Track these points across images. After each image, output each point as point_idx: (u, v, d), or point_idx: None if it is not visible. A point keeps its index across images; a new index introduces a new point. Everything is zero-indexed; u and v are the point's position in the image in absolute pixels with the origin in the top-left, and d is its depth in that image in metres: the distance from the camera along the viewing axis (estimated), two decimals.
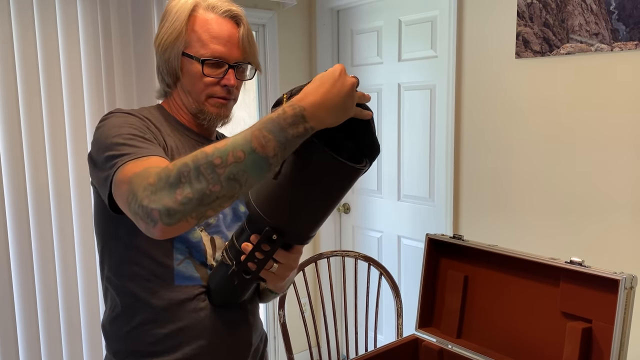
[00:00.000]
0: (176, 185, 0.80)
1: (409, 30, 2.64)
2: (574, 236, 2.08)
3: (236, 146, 0.80)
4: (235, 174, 0.80)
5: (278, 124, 0.80)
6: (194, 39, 1.06)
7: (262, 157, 0.80)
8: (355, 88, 0.85)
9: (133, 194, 0.83)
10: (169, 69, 1.08)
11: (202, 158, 0.80)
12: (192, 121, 1.13)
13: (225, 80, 1.08)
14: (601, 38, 1.92)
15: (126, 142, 0.94)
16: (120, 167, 0.89)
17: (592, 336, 1.23)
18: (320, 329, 3.16)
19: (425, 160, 2.63)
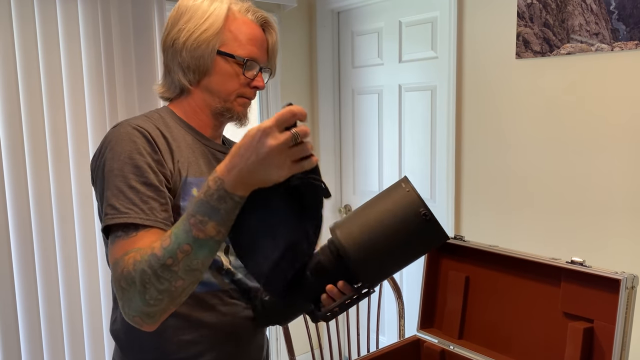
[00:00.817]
0: (143, 291, 0.84)
1: (410, 31, 2.64)
2: (575, 236, 2.07)
3: (180, 241, 0.84)
4: (190, 265, 0.85)
5: (208, 204, 0.84)
6: (230, 38, 1.06)
7: (207, 240, 0.85)
8: (281, 147, 0.78)
9: (117, 296, 0.89)
10: (199, 65, 1.06)
11: (156, 263, 0.84)
12: (206, 123, 1.12)
13: (257, 82, 1.10)
14: (601, 38, 1.92)
15: (125, 193, 0.92)
16: (112, 239, 0.91)
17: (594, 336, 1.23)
18: (322, 330, 3.16)
19: (426, 161, 2.63)
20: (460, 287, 1.52)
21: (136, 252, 0.88)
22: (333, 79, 3.08)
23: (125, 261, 0.87)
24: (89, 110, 2.24)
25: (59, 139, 2.17)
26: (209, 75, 1.07)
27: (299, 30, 3.04)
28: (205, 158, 1.09)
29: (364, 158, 2.98)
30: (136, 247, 0.88)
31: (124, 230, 0.91)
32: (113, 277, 0.89)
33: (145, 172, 0.94)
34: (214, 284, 1.06)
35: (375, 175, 2.92)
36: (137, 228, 0.90)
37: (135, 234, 0.90)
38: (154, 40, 2.35)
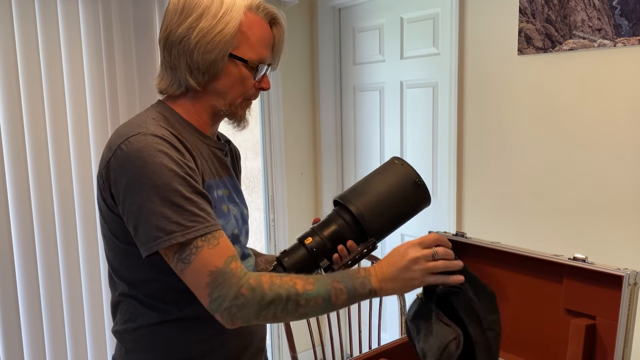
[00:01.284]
0: (266, 307, 0.93)
1: (411, 27, 2.63)
2: (577, 233, 2.07)
3: (320, 294, 0.96)
4: (308, 312, 0.96)
5: (352, 282, 0.98)
6: (242, 40, 1.01)
7: (332, 305, 0.97)
8: (419, 258, 0.99)
9: (221, 297, 0.92)
10: (210, 68, 1.01)
11: (294, 296, 0.94)
12: (206, 122, 1.08)
13: (264, 84, 1.08)
14: (604, 34, 1.91)
15: (183, 204, 0.91)
16: (190, 251, 0.92)
17: (596, 333, 1.22)
18: (323, 327, 3.16)
19: (428, 157, 2.63)
20: None
21: (238, 260, 0.95)
22: (334, 76, 3.07)
23: (241, 271, 0.93)
24: (90, 110, 2.24)
25: (61, 138, 2.17)
26: (218, 78, 1.02)
27: (300, 27, 3.03)
28: (210, 159, 1.08)
29: (366, 155, 2.98)
30: (231, 255, 0.94)
31: (203, 241, 0.93)
32: (220, 281, 0.92)
33: (190, 181, 0.94)
34: None
35: None
36: (215, 237, 0.94)
37: (217, 243, 0.94)
38: (155, 40, 2.35)
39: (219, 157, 1.11)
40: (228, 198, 1.10)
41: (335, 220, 1.13)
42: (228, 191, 1.11)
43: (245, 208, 1.18)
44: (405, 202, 1.14)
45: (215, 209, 1.01)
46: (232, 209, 1.10)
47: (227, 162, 1.14)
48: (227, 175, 1.13)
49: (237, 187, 1.16)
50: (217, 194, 1.05)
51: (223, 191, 1.08)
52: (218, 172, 1.09)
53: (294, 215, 3.11)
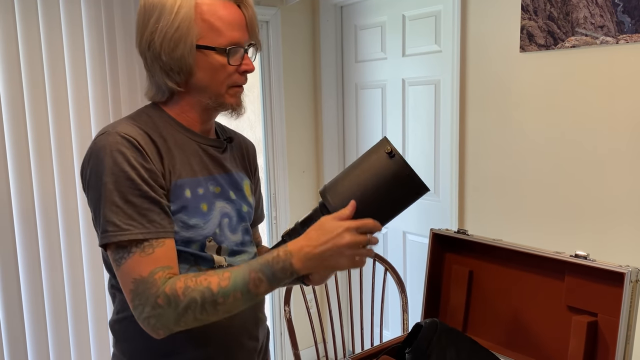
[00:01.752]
0: (182, 314, 0.92)
1: (413, 25, 2.63)
2: (578, 231, 2.07)
3: (237, 288, 0.93)
4: (231, 309, 0.94)
5: (271, 269, 0.94)
6: (205, 28, 0.99)
7: (254, 295, 0.94)
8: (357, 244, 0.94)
9: (141, 306, 0.92)
10: (182, 65, 1.00)
11: (209, 297, 0.92)
12: (194, 121, 1.08)
13: (245, 66, 1.04)
14: (606, 31, 1.91)
15: (123, 208, 0.93)
16: (123, 254, 0.93)
17: (598, 330, 1.22)
18: (325, 324, 3.17)
19: (430, 155, 2.63)
20: (464, 281, 1.52)
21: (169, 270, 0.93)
22: (336, 74, 3.07)
23: (161, 281, 0.92)
24: (93, 111, 2.23)
25: (64, 139, 2.18)
26: (194, 73, 1.01)
27: (302, 25, 3.03)
28: (197, 156, 1.06)
29: None
30: (162, 266, 0.93)
31: (137, 247, 0.93)
32: (140, 291, 0.92)
33: (140, 184, 0.94)
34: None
35: None
36: (151, 245, 0.94)
37: (152, 252, 0.93)
38: None
39: (211, 154, 1.09)
40: (218, 195, 1.08)
41: (316, 215, 1.07)
42: (220, 188, 1.09)
43: (247, 205, 1.16)
44: (393, 196, 1.02)
45: (187, 208, 1.01)
46: (220, 207, 1.08)
47: (224, 159, 1.12)
48: (223, 172, 1.11)
49: (237, 184, 1.14)
50: (197, 192, 1.04)
51: (211, 188, 1.07)
52: (208, 169, 1.08)
53: (296, 212, 3.11)
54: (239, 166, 1.18)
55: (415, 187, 1.01)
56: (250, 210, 1.17)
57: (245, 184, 1.17)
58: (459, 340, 1.29)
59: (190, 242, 1.02)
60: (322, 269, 0.95)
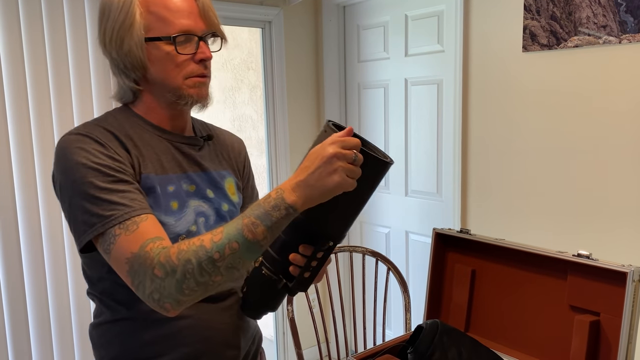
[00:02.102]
0: (182, 280, 0.86)
1: (416, 25, 2.63)
2: (581, 229, 2.07)
3: (231, 238, 0.86)
4: (232, 263, 0.87)
5: (263, 209, 0.86)
6: (153, 20, 0.97)
7: (254, 243, 0.86)
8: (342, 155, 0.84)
9: (141, 283, 0.88)
10: (133, 61, 0.98)
11: (203, 255, 0.86)
12: (164, 118, 1.05)
13: (200, 54, 1.00)
14: (609, 30, 1.91)
15: (100, 195, 0.90)
16: (109, 240, 0.90)
17: (600, 329, 1.23)
18: (328, 324, 3.17)
19: (432, 155, 2.63)
20: (467, 281, 1.52)
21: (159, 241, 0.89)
22: (339, 73, 3.07)
23: (154, 252, 0.88)
24: (97, 112, 2.24)
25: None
26: (148, 68, 0.99)
27: (304, 25, 3.04)
28: (168, 154, 1.04)
29: None
30: (151, 237, 0.89)
31: (121, 228, 0.90)
32: (136, 268, 0.88)
33: (108, 172, 0.92)
34: None
35: None
36: (134, 222, 0.90)
37: (136, 228, 0.90)
38: None
39: (185, 152, 1.07)
40: (193, 194, 1.06)
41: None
42: (195, 187, 1.06)
43: (229, 204, 1.12)
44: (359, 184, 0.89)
45: (157, 205, 0.98)
46: (195, 206, 1.05)
47: (200, 157, 1.10)
48: (199, 170, 1.09)
49: (216, 183, 1.11)
50: (167, 190, 1.01)
51: (184, 186, 1.05)
52: (180, 167, 1.05)
53: None
54: (221, 164, 1.15)
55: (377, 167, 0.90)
56: (233, 209, 1.13)
57: (228, 183, 1.14)
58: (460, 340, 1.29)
59: None
60: (317, 194, 0.85)
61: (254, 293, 1.02)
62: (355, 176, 0.86)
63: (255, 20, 2.83)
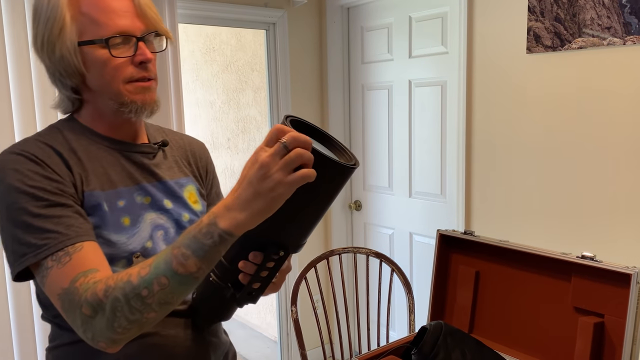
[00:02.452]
0: (112, 319, 0.79)
1: (420, 26, 2.63)
2: (585, 231, 2.06)
3: (159, 272, 0.78)
4: (164, 299, 0.79)
5: (194, 238, 0.77)
6: (85, 22, 0.89)
7: (185, 276, 0.78)
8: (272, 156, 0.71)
9: (74, 321, 0.82)
10: (67, 68, 0.91)
11: (130, 292, 0.78)
12: (112, 127, 0.98)
13: (139, 56, 0.92)
14: (613, 32, 1.91)
15: (32, 222, 0.84)
16: (43, 272, 0.83)
17: (604, 331, 1.23)
18: (332, 325, 3.17)
19: (436, 156, 2.63)
20: (471, 282, 1.53)
21: (92, 274, 0.82)
22: (343, 75, 3.08)
23: (83, 287, 0.81)
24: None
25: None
26: (85, 75, 0.92)
27: (309, 26, 3.05)
28: (117, 166, 0.97)
29: (374, 154, 2.99)
30: (83, 271, 0.82)
31: (53, 260, 0.83)
32: (67, 306, 0.82)
33: (43, 196, 0.85)
34: None
35: (385, 171, 2.92)
36: (67, 253, 0.83)
37: (69, 260, 0.83)
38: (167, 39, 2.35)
39: (137, 162, 1.00)
40: (149, 206, 0.99)
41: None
42: (150, 198, 1.00)
43: (190, 213, 1.05)
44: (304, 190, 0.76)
45: (106, 224, 0.92)
46: (151, 219, 0.98)
47: (155, 166, 1.03)
48: (154, 180, 1.02)
49: (174, 192, 1.04)
50: (117, 205, 0.94)
51: (138, 199, 0.98)
52: (132, 178, 0.99)
53: None
54: (181, 171, 1.08)
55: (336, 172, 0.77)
56: (195, 218, 1.05)
57: (188, 191, 1.07)
58: (464, 341, 1.29)
59: (114, 260, 0.91)
60: (257, 211, 0.73)
61: (202, 302, 0.97)
62: (296, 163, 0.72)
63: (260, 22, 2.84)
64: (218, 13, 2.65)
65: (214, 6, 2.62)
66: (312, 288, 2.26)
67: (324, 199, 0.79)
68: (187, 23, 2.63)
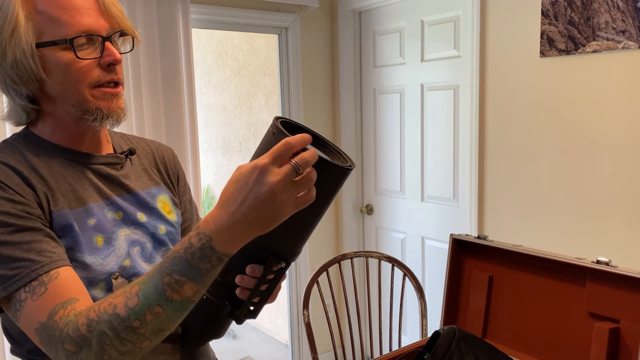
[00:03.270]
0: (101, 352, 0.72)
1: (432, 30, 2.63)
2: (600, 236, 2.05)
3: (151, 302, 0.71)
4: (159, 327, 0.73)
5: (187, 263, 0.70)
6: (44, 21, 0.80)
7: (182, 302, 0.72)
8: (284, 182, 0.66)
9: (56, 356, 0.75)
10: (22, 74, 0.81)
11: (119, 324, 0.71)
12: (73, 137, 0.89)
13: (108, 57, 0.83)
14: (628, 35, 1.89)
15: (2, 253, 0.75)
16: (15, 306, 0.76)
17: (620, 336, 1.21)
18: (344, 329, 3.17)
19: (449, 160, 2.62)
20: (484, 287, 1.52)
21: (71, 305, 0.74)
22: (355, 79, 3.08)
23: (63, 322, 0.73)
24: None
25: None
26: (44, 80, 0.82)
27: (320, 31, 3.06)
28: (84, 181, 0.89)
29: (386, 158, 2.98)
30: (61, 302, 0.75)
31: (27, 291, 0.75)
32: (46, 341, 0.74)
33: (8, 221, 0.77)
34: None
35: (397, 175, 2.92)
36: (41, 282, 0.75)
37: (44, 290, 0.75)
38: (179, 43, 2.38)
39: (105, 174, 0.92)
40: (121, 222, 0.92)
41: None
42: (122, 213, 0.92)
43: (166, 225, 0.98)
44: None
45: (78, 245, 0.84)
46: (125, 235, 0.91)
47: (124, 177, 0.95)
48: (125, 192, 0.94)
49: (146, 204, 0.96)
50: (88, 224, 0.86)
51: (109, 215, 0.90)
52: (101, 193, 0.90)
53: None
54: (151, 180, 1.01)
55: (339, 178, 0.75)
56: (171, 230, 0.99)
57: (161, 200, 1.00)
58: (477, 346, 1.29)
59: (92, 283, 0.84)
60: (257, 230, 0.70)
61: (195, 321, 0.91)
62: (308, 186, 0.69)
63: (272, 26, 2.86)
64: (231, 18, 2.67)
65: (227, 11, 2.64)
66: (324, 292, 2.26)
67: (323, 204, 0.76)
68: (201, 28, 2.65)
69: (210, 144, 4.43)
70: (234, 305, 0.85)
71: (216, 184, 4.48)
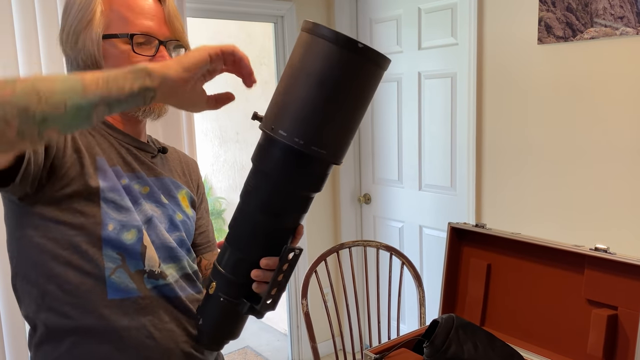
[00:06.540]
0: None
1: (429, 18, 2.61)
2: (598, 224, 2.05)
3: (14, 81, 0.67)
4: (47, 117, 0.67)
5: (114, 72, 0.72)
6: (114, 18, 0.93)
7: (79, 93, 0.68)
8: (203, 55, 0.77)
9: None
10: (86, 58, 0.93)
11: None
12: (118, 121, 1.00)
13: (159, 57, 0.94)
14: (626, 21, 1.88)
15: None
16: None
17: (618, 323, 1.22)
18: (342, 318, 3.18)
19: (446, 149, 2.62)
20: (482, 275, 1.52)
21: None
22: None
23: None
24: None
25: None
26: (102, 66, 0.93)
27: (317, 18, 3.03)
28: (117, 152, 0.97)
29: (383, 147, 2.98)
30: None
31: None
32: None
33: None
34: (133, 289, 0.92)
35: (395, 164, 2.91)
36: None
37: None
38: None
39: (136, 155, 1.00)
40: (147, 196, 0.98)
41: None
42: (149, 188, 0.99)
43: (183, 214, 1.05)
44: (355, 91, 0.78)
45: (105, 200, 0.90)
46: (148, 208, 0.97)
47: (154, 164, 1.03)
48: (152, 175, 1.02)
49: (170, 190, 1.04)
50: (121, 183, 0.94)
51: (137, 187, 0.97)
52: (130, 166, 0.98)
53: (311, 208, 3.13)
54: (176, 175, 1.09)
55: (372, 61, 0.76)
56: (187, 221, 1.05)
57: (182, 195, 1.08)
58: (476, 334, 1.29)
59: (124, 228, 0.90)
60: (177, 64, 0.76)
61: (214, 324, 0.92)
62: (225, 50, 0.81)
63: (268, 15, 2.83)
64: (226, 6, 2.65)
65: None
66: (322, 281, 2.26)
67: (359, 102, 0.79)
68: (196, 17, 2.62)
69: (207, 134, 4.41)
70: (253, 300, 0.87)
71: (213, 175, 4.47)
